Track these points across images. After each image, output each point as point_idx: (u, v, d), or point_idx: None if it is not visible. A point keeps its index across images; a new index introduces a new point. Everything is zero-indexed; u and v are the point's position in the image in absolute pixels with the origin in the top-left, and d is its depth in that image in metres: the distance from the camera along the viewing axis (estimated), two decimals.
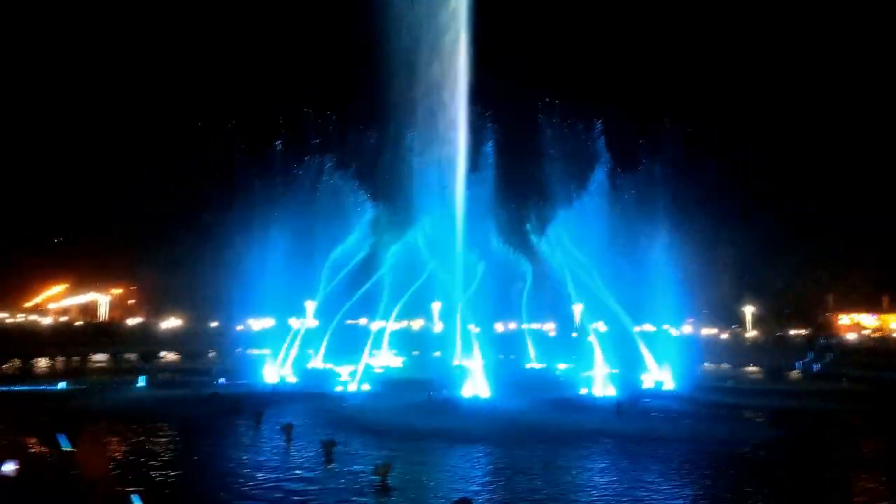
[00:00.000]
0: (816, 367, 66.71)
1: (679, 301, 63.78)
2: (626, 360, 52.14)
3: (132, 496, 14.47)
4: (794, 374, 65.85)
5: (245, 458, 23.76)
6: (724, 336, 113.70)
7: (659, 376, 50.63)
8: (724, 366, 71.94)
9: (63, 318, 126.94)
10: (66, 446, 15.90)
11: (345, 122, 65.42)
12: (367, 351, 50.88)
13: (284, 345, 53.41)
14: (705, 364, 70.44)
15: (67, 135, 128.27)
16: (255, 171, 62.91)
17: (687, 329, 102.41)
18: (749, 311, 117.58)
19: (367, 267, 58.28)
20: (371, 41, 54.46)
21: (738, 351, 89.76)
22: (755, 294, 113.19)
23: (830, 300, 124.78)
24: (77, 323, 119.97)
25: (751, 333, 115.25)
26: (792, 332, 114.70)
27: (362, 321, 67.59)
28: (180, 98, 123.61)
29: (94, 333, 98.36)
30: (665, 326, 77.80)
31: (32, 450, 22.54)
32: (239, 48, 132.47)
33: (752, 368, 71.16)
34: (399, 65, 54.46)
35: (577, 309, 68.19)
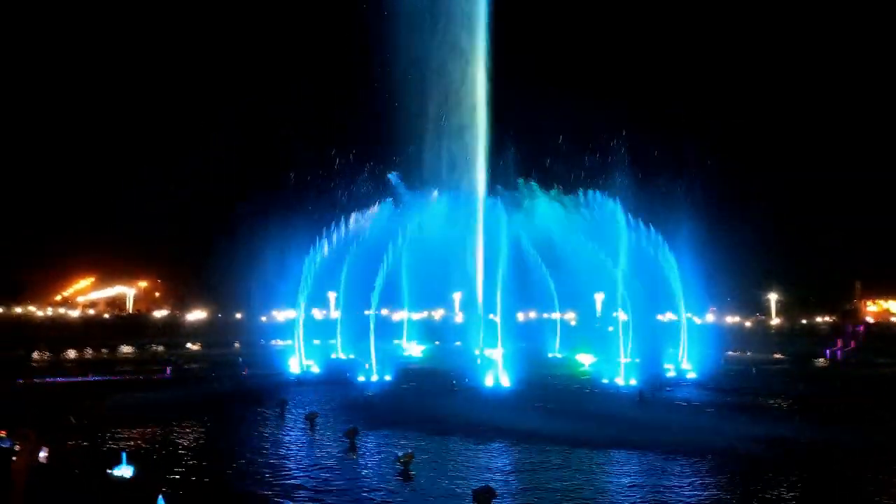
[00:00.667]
0: (842, 354, 65.92)
1: (702, 289, 63.25)
2: (649, 349, 51.92)
3: (158, 497, 14.83)
4: (821, 361, 65.13)
5: (270, 447, 24.14)
6: (748, 324, 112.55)
7: (682, 365, 50.43)
8: (748, 354, 71.36)
9: (91, 311, 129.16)
10: (122, 466, 16.12)
11: (364, 116, 65.44)
12: (385, 340, 51.20)
13: (308, 335, 53.98)
14: (729, 352, 69.90)
15: (96, 131, 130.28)
16: (281, 168, 63.27)
17: (710, 317, 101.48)
18: (773, 298, 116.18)
19: (387, 256, 58.55)
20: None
21: (763, 339, 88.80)
22: (779, 281, 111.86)
23: (857, 287, 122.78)
24: (105, 315, 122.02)
25: (775, 321, 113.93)
26: (818, 319, 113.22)
27: (383, 311, 67.98)
28: (207, 93, 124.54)
29: (121, 326, 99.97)
30: (688, 315, 77.13)
31: (67, 440, 23.12)
32: (267, 45, 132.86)
33: (776, 356, 70.49)
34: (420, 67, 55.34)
35: (599, 298, 67.99)
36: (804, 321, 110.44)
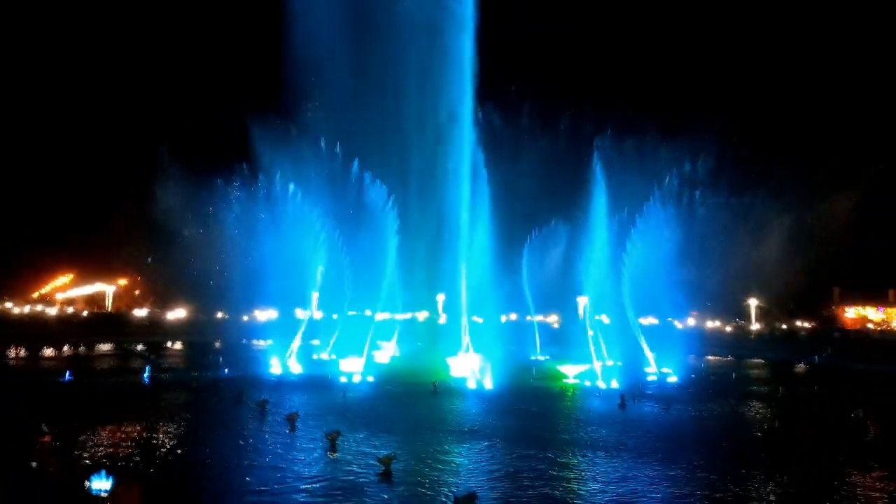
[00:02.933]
0: (817, 359, 66.67)
1: (683, 294, 63.86)
2: (630, 353, 52.30)
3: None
4: (800, 367, 65.78)
5: (250, 447, 23.94)
6: (729, 329, 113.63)
7: (663, 369, 50.76)
8: (729, 358, 72.00)
9: (70, 309, 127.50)
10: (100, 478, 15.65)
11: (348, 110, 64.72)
12: (369, 342, 51.06)
13: (290, 335, 53.71)
14: (709, 356, 70.51)
15: (73, 128, 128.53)
16: (260, 162, 62.37)
17: (691, 322, 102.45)
18: (753, 304, 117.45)
19: (372, 258, 58.32)
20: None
21: (743, 343, 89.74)
22: (759, 287, 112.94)
23: (836, 293, 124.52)
24: (83, 313, 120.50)
25: (755, 326, 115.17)
26: (797, 324, 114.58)
27: (366, 312, 67.78)
28: (189, 89, 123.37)
29: (100, 323, 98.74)
30: (669, 319, 77.86)
31: (42, 441, 22.76)
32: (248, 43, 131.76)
33: (756, 361, 71.19)
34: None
35: (582, 301, 68.25)
36: (784, 326, 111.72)
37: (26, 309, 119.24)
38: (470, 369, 44.88)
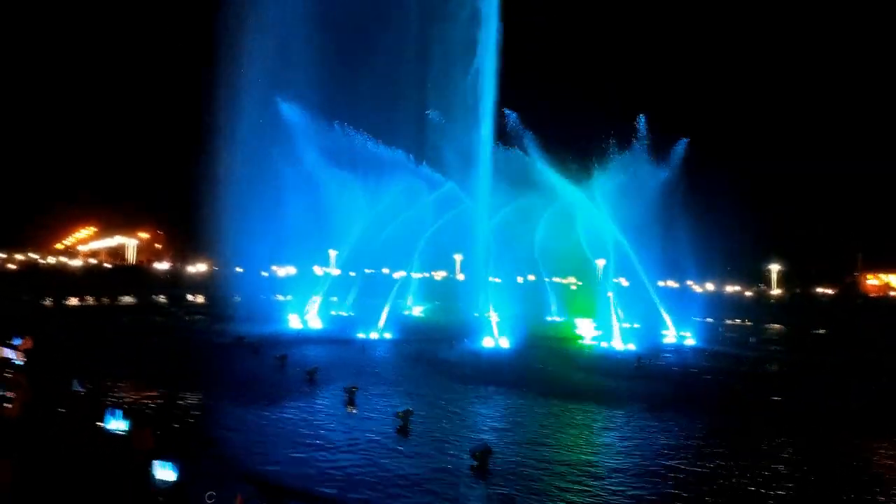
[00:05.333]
0: (839, 326, 66.02)
1: (703, 258, 63.06)
2: (648, 316, 52.14)
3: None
4: (820, 331, 65.23)
5: (269, 403, 24.18)
6: (749, 294, 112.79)
7: (680, 332, 50.66)
8: (748, 323, 71.59)
9: (92, 261, 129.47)
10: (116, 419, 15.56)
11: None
12: (389, 299, 51.29)
13: (308, 291, 54.17)
14: (728, 321, 70.14)
15: (95, 82, 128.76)
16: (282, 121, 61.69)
17: (710, 286, 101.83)
18: (774, 268, 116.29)
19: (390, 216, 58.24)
20: None
21: (762, 308, 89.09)
22: (782, 252, 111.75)
23: (859, 260, 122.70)
24: (106, 265, 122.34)
25: (776, 291, 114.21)
26: (819, 290, 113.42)
27: (384, 270, 67.99)
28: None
29: (123, 276, 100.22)
30: (688, 283, 77.41)
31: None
32: None
33: (776, 326, 70.73)
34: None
35: (601, 264, 67.94)
36: (805, 292, 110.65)
37: (50, 260, 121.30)
38: (487, 329, 45.01)
